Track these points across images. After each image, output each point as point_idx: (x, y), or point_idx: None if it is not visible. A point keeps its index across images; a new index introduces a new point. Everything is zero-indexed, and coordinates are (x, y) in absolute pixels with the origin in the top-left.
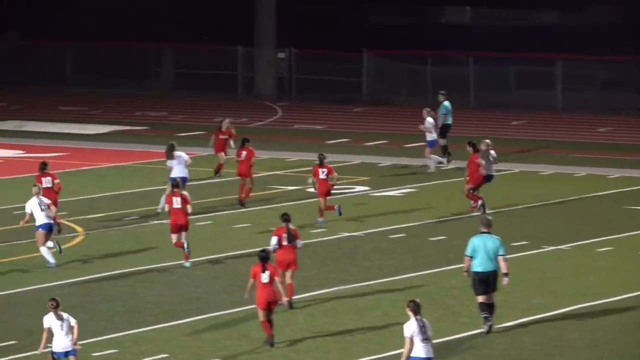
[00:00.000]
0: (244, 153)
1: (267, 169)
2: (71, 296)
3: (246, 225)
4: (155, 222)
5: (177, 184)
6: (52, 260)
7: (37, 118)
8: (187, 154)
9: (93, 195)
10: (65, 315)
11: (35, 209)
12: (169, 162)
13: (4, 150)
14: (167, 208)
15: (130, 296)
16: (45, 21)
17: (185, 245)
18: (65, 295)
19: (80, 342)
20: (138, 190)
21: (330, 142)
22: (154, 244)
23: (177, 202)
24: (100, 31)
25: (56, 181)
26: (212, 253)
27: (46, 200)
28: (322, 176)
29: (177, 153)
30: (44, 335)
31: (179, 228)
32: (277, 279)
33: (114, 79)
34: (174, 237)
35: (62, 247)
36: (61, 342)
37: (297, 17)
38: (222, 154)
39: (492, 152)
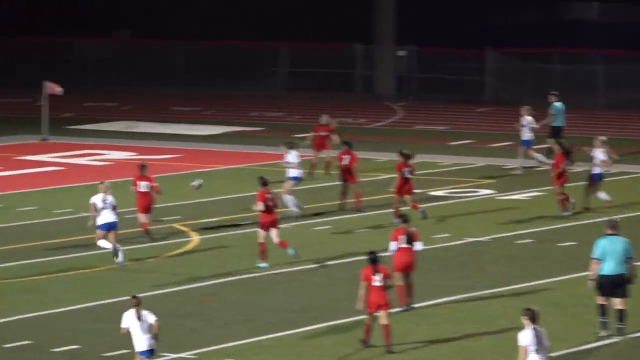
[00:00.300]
0: (346, 157)
1: (387, 171)
2: (185, 303)
3: (366, 229)
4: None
5: (266, 182)
6: (108, 245)
7: (149, 119)
8: (302, 156)
9: (207, 199)
10: (144, 312)
11: (98, 205)
12: (288, 159)
13: (115, 152)
14: (261, 207)
15: (247, 303)
16: (157, 19)
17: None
18: (180, 302)
19: (196, 352)
20: (253, 193)
21: (453, 143)
22: (270, 249)
23: (270, 199)
24: (214, 30)
25: (154, 184)
26: (332, 259)
27: (111, 200)
28: (406, 175)
29: (292, 153)
30: (123, 333)
31: (269, 225)
32: (389, 281)
33: (228, 78)
34: (261, 235)
35: (176, 252)
36: (143, 342)
37: (417, 13)
38: (323, 152)
39: (597, 150)
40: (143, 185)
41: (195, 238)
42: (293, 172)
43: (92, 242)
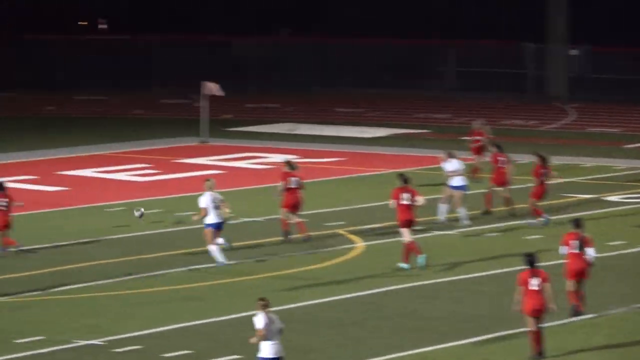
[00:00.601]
0: (502, 159)
1: (559, 175)
2: (350, 312)
3: (538, 236)
4: (438, 232)
5: (407, 179)
6: (221, 259)
7: (311, 120)
8: (462, 159)
9: (372, 204)
10: (274, 316)
11: (209, 205)
12: (447, 168)
13: (277, 155)
14: (393, 204)
15: (412, 312)
16: (318, 17)
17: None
18: (343, 311)
19: None
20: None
21: (628, 146)
22: (439, 256)
23: (405, 198)
24: (379, 27)
25: (302, 182)
26: (501, 266)
27: (220, 197)
28: (543, 177)
29: (454, 160)
30: (259, 336)
31: (407, 223)
32: (547, 285)
33: (393, 78)
34: (405, 234)
35: (340, 259)
36: (270, 348)
37: (591, 11)
38: (479, 157)
39: None
40: (293, 182)
41: (360, 244)
42: (456, 181)
43: (250, 247)
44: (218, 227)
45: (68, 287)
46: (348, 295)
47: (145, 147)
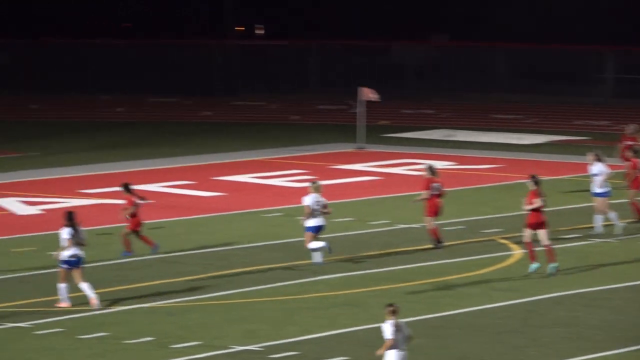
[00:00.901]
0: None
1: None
2: (508, 320)
3: None
4: (599, 240)
5: (538, 182)
6: (319, 244)
7: (468, 127)
8: (610, 165)
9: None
10: (402, 323)
11: (312, 207)
12: (593, 171)
13: (433, 162)
14: (529, 206)
15: (572, 320)
16: (476, 22)
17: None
18: (502, 318)
19: None
20: (579, 205)
21: None
22: (598, 263)
23: (539, 201)
24: (537, 33)
25: (443, 189)
26: None
27: (323, 201)
28: None
29: (599, 164)
30: (387, 346)
31: (536, 226)
32: None
33: (551, 84)
34: (528, 235)
35: (497, 266)
36: (395, 356)
37: None
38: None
39: None
40: (435, 188)
41: (517, 252)
42: (598, 187)
43: (408, 253)
44: (317, 230)
45: (226, 292)
46: (506, 303)
47: (301, 152)
